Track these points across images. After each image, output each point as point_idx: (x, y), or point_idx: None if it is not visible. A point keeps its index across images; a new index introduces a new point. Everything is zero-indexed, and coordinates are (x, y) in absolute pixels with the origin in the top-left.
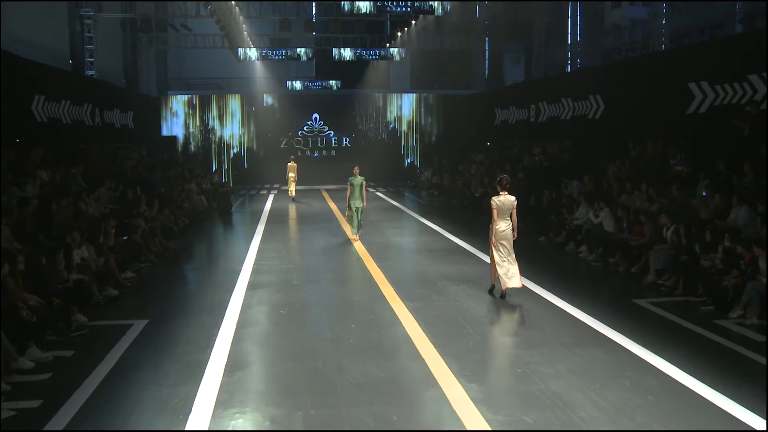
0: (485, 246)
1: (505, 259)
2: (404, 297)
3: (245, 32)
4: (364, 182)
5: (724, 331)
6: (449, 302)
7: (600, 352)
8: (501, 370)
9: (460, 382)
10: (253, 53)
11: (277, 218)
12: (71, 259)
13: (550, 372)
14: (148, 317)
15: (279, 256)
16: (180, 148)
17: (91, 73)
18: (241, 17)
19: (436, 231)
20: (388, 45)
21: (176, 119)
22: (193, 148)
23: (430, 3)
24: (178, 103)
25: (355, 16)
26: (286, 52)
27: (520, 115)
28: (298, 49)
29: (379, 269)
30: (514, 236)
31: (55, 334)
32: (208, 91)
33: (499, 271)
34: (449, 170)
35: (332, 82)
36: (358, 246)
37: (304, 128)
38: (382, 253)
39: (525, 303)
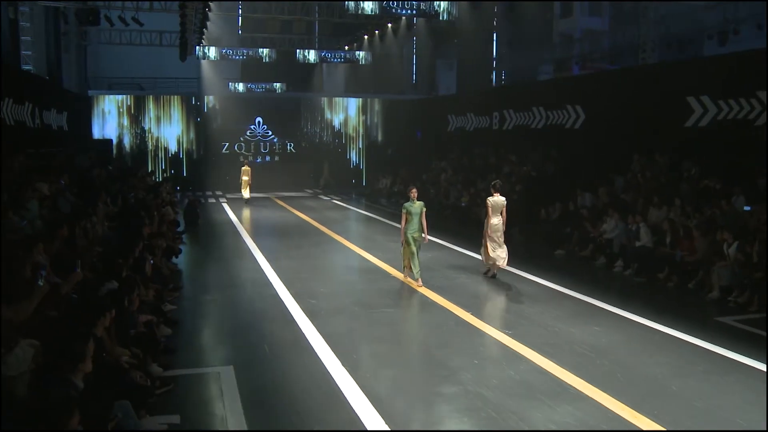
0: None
1: (497, 247)
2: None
3: (204, 30)
4: (424, 209)
5: None
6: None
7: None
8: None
9: None
10: (212, 52)
11: (258, 231)
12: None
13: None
14: (228, 362)
15: (305, 277)
16: (115, 152)
17: (27, 67)
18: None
19: (449, 246)
20: (348, 47)
21: (108, 120)
22: (128, 151)
23: (435, 5)
24: (111, 103)
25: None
26: (248, 52)
27: (480, 122)
28: (261, 50)
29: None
30: (503, 230)
31: None
32: (130, 91)
33: (492, 255)
34: (408, 178)
35: (276, 85)
36: (376, 261)
37: (247, 133)
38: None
39: (605, 323)
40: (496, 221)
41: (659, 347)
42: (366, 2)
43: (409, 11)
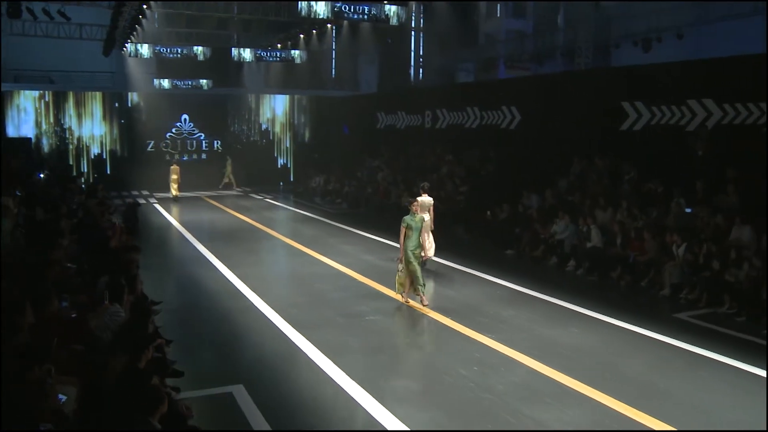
0: None
1: (425, 240)
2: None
3: (137, 27)
4: (424, 223)
5: None
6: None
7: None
8: None
9: None
10: (145, 50)
11: (204, 236)
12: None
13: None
14: (235, 380)
15: (275, 286)
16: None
17: None
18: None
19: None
20: (280, 45)
21: (24, 118)
22: (47, 151)
23: (385, 9)
24: (27, 99)
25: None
26: (182, 50)
27: (412, 120)
28: (195, 48)
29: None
30: (431, 226)
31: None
32: (38, 84)
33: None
34: (341, 176)
35: (203, 81)
36: (344, 268)
37: (173, 130)
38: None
39: (580, 324)
40: (425, 218)
41: (634, 346)
42: (319, 3)
43: (360, 16)
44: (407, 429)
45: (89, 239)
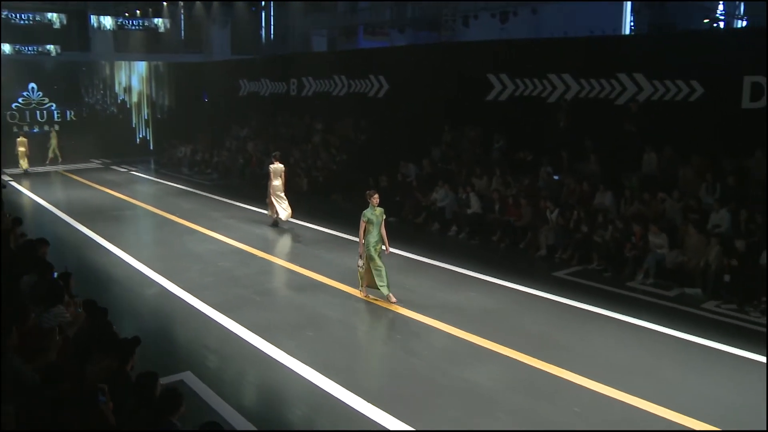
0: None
1: (282, 202)
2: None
3: None
4: (384, 216)
5: (638, 290)
6: None
7: (598, 327)
8: None
9: None
10: None
11: (82, 215)
12: None
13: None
14: (182, 368)
15: (180, 268)
16: None
17: None
18: None
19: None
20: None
21: None
22: None
23: None
24: None
25: None
26: (34, 16)
27: (276, 88)
28: (49, 15)
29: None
30: (284, 189)
31: None
32: None
33: (278, 209)
34: (208, 145)
35: (50, 47)
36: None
37: (19, 100)
38: (264, 243)
39: (476, 288)
40: (277, 183)
41: (528, 306)
42: None
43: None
44: (355, 399)
45: None
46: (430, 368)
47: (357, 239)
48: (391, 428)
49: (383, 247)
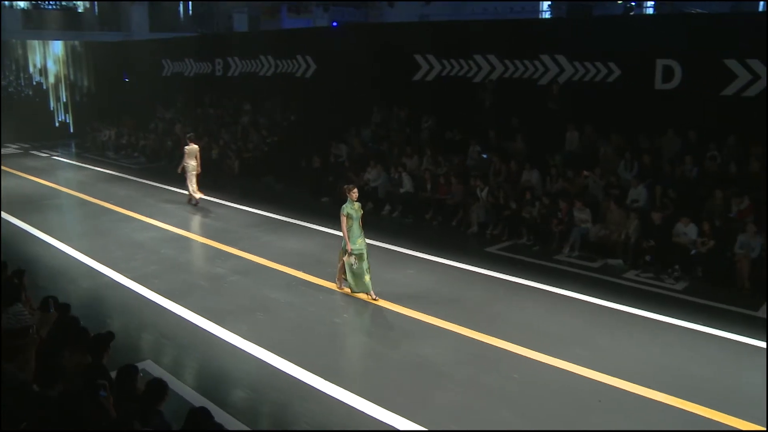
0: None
1: (192, 183)
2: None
3: None
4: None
5: (565, 263)
6: None
7: (531, 298)
8: None
9: None
10: None
11: (10, 205)
12: None
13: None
14: (142, 358)
15: (122, 257)
16: None
17: None
18: None
19: (222, 203)
20: None
21: None
22: None
23: None
24: None
25: None
26: None
27: (201, 68)
28: None
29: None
30: (198, 170)
31: None
32: None
33: (191, 188)
34: (133, 128)
35: None
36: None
37: None
38: (204, 228)
39: (414, 266)
40: (193, 163)
41: (465, 281)
42: None
43: None
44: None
45: None
46: (380, 344)
47: (294, 221)
48: (347, 402)
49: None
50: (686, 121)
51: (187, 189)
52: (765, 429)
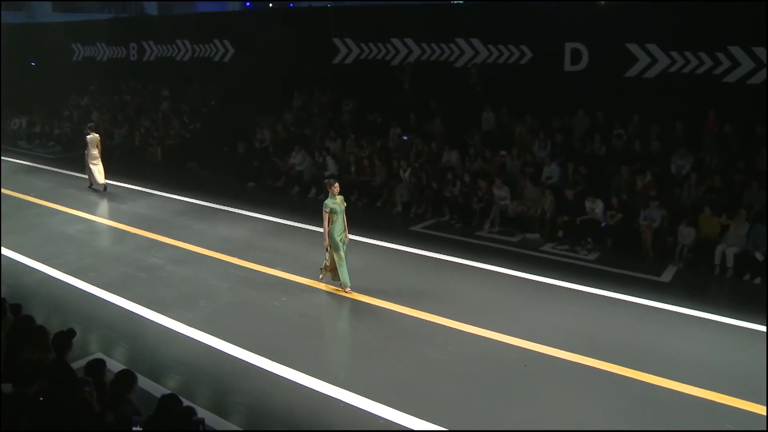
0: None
1: (96, 168)
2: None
3: None
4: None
5: (487, 238)
6: None
7: (459, 274)
8: None
9: None
10: None
11: None
12: None
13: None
14: (91, 351)
15: (53, 251)
16: None
17: None
18: None
19: (151, 192)
20: None
21: None
22: None
23: None
24: None
25: None
26: None
27: (114, 53)
28: None
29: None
30: (100, 156)
31: None
32: None
33: (94, 173)
34: (46, 116)
35: None
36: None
37: None
38: (135, 218)
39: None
40: (94, 152)
41: (395, 260)
42: None
43: None
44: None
45: None
46: (319, 324)
47: (223, 208)
48: (295, 380)
49: (345, 236)
50: (594, 102)
51: (89, 175)
52: (669, 379)
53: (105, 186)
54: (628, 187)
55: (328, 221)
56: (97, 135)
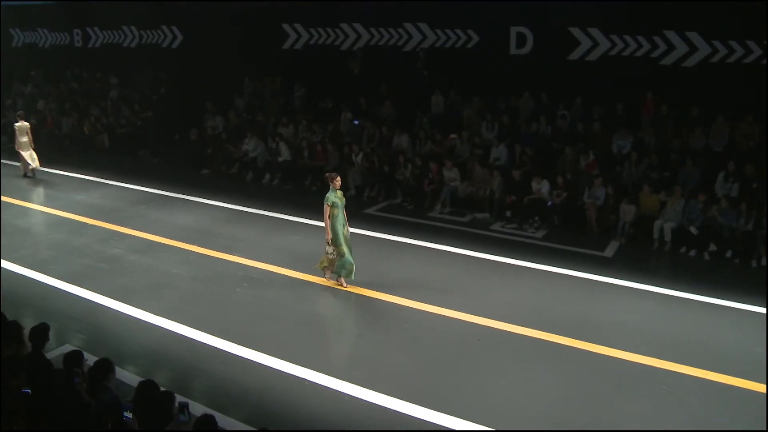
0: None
1: (27, 155)
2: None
3: None
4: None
5: (438, 219)
6: None
7: (415, 255)
8: None
9: None
10: None
11: None
12: None
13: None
14: (61, 342)
15: (7, 245)
16: None
17: None
18: None
19: (105, 182)
20: None
21: None
22: None
23: None
24: None
25: None
26: None
27: (57, 39)
28: None
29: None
30: (31, 144)
31: None
32: None
33: (28, 161)
34: None
35: None
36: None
37: None
38: (91, 210)
39: (299, 231)
40: (24, 140)
41: (356, 243)
42: None
43: None
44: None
45: None
46: (280, 307)
47: (178, 196)
48: (260, 362)
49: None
50: (539, 84)
51: (23, 163)
52: (614, 348)
53: (34, 171)
54: (573, 167)
55: (329, 215)
56: (27, 123)
